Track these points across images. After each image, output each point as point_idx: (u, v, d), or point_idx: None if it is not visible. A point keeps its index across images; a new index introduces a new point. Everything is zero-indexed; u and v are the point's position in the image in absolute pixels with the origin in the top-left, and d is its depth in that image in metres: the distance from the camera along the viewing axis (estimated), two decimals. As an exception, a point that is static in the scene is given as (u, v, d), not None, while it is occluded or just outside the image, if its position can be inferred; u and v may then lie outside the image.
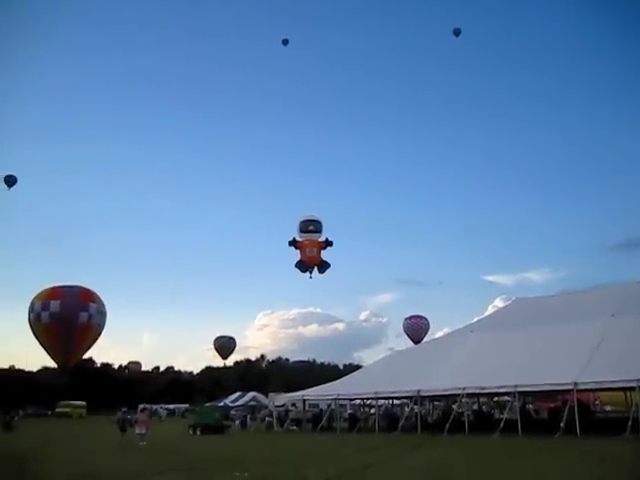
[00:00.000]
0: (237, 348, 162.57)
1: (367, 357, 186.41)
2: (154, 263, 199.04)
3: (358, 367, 77.46)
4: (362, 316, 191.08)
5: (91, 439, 35.81)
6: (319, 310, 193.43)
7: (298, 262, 33.37)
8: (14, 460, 22.01)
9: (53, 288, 59.66)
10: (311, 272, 33.22)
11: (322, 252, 33.75)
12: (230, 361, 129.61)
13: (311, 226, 33.16)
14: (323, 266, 33.57)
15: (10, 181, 64.53)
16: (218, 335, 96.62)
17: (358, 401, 46.51)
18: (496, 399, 52.52)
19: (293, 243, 33.62)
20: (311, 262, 32.82)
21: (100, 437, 36.34)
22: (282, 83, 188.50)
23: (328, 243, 33.81)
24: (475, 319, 48.22)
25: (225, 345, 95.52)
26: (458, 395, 34.25)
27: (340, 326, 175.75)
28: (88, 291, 61.18)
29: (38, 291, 60.65)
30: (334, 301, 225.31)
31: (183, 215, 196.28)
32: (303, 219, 33.82)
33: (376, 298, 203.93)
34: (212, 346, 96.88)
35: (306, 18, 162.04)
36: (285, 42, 53.64)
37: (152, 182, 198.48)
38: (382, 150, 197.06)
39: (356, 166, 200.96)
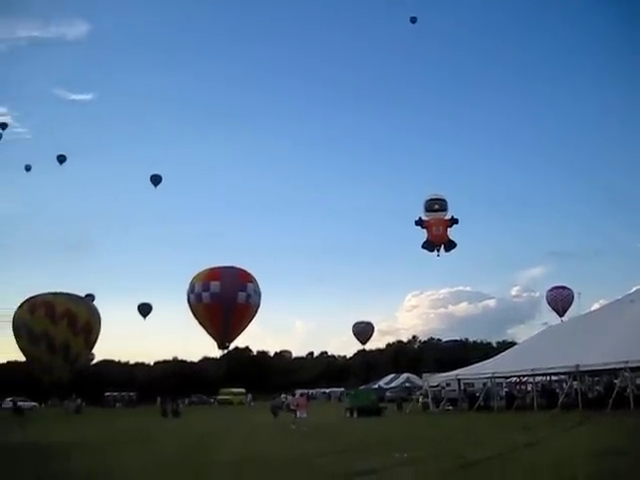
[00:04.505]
0: (388, 330, 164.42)
1: (521, 333, 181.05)
2: (303, 251, 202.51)
3: (512, 344, 75.51)
4: (513, 292, 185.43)
5: (253, 424, 37.23)
6: (468, 288, 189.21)
7: (424, 243, 33.34)
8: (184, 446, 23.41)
9: (212, 269, 61.72)
10: (438, 250, 33.04)
11: (449, 230, 33.51)
12: (382, 343, 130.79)
13: (436, 205, 33.00)
14: (449, 245, 33.32)
15: (156, 180, 68.16)
16: (356, 321, 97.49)
17: (514, 379, 45.59)
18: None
19: (419, 223, 33.59)
20: (438, 240, 32.66)
21: (260, 422, 37.73)
22: (403, 63, 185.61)
23: (454, 221, 33.55)
24: (634, 289, 45.74)
25: (363, 330, 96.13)
26: (620, 369, 32.78)
27: (491, 303, 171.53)
28: (245, 272, 63.05)
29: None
30: (483, 278, 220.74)
31: (329, 202, 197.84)
32: (428, 198, 33.66)
33: (527, 272, 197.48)
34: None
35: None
36: (413, 20, 53.23)
37: (299, 172, 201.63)
38: (526, 120, 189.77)
39: (501, 139, 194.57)
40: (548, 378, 46.31)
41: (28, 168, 73.97)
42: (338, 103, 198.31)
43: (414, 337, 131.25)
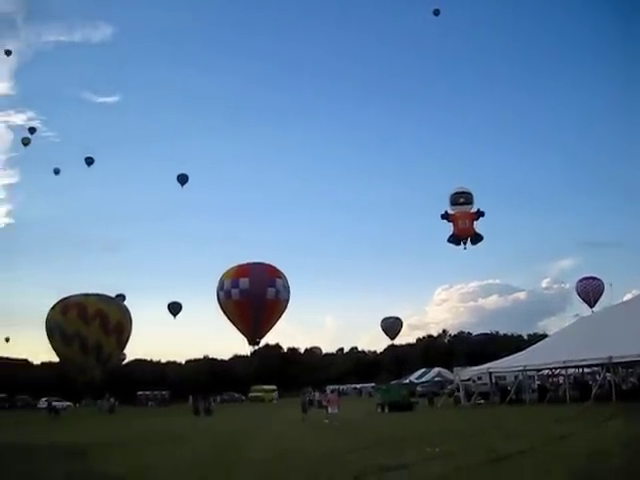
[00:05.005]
0: (418, 324, 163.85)
1: (552, 325, 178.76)
2: (331, 247, 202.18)
3: (544, 336, 74.68)
4: (543, 284, 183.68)
5: (284, 421, 37.39)
6: (498, 281, 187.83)
7: (450, 236, 33.28)
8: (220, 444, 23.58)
9: (240, 266, 61.93)
10: (465, 244, 32.96)
11: (475, 223, 33.38)
12: (412, 338, 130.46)
13: (462, 198, 32.94)
14: (476, 238, 33.22)
15: (183, 180, 68.59)
16: (385, 316, 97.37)
17: (546, 371, 45.21)
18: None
19: (446, 216, 33.53)
20: (464, 234, 32.60)
21: (291, 418, 37.88)
22: (425, 57, 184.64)
23: (480, 214, 33.45)
24: (668, 278, 45.08)
25: (392, 325, 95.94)
26: (655, 360, 32.38)
27: (521, 295, 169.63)
28: (273, 267, 63.20)
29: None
30: (513, 270, 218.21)
31: (357, 198, 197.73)
32: (453, 192, 33.56)
33: (557, 264, 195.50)
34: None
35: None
36: (436, 12, 52.77)
37: (328, 168, 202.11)
38: (551, 113, 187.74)
39: (527, 131, 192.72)
40: (581, 370, 45.87)
41: (57, 171, 74.72)
42: (363, 100, 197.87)
43: (444, 331, 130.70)
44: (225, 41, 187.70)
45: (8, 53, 73.42)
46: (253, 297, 58.17)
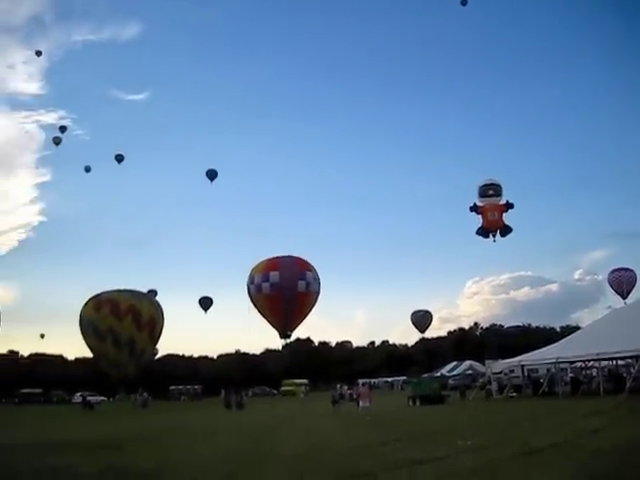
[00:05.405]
0: (449, 317, 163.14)
1: (585, 317, 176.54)
2: (361, 241, 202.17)
3: (576, 328, 73.81)
4: (576, 275, 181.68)
5: (315, 414, 37.49)
6: (530, 273, 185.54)
7: (479, 229, 33.03)
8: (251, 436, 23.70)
9: (270, 260, 62.16)
10: (494, 236, 32.68)
11: (504, 215, 33.09)
12: (444, 331, 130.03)
13: (491, 190, 32.62)
14: (505, 230, 32.93)
15: (212, 175, 69.06)
16: (414, 309, 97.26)
17: (579, 364, 44.73)
18: None
19: (474, 209, 33.27)
20: (493, 226, 32.33)
21: (322, 412, 37.99)
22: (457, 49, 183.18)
23: (509, 206, 33.12)
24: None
25: (422, 319, 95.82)
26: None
27: (553, 287, 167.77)
28: (303, 260, 63.30)
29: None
30: (544, 262, 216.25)
31: (387, 192, 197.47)
32: (482, 183, 33.27)
33: (589, 255, 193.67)
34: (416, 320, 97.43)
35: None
36: (464, 2, 52.35)
37: (357, 163, 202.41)
38: (580, 104, 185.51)
39: (555, 122, 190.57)
40: (614, 362, 45.30)
41: (88, 169, 75.60)
42: (390, 97, 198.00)
43: (476, 324, 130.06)
44: (252, 36, 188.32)
45: (39, 54, 74.92)
46: (284, 290, 58.33)
